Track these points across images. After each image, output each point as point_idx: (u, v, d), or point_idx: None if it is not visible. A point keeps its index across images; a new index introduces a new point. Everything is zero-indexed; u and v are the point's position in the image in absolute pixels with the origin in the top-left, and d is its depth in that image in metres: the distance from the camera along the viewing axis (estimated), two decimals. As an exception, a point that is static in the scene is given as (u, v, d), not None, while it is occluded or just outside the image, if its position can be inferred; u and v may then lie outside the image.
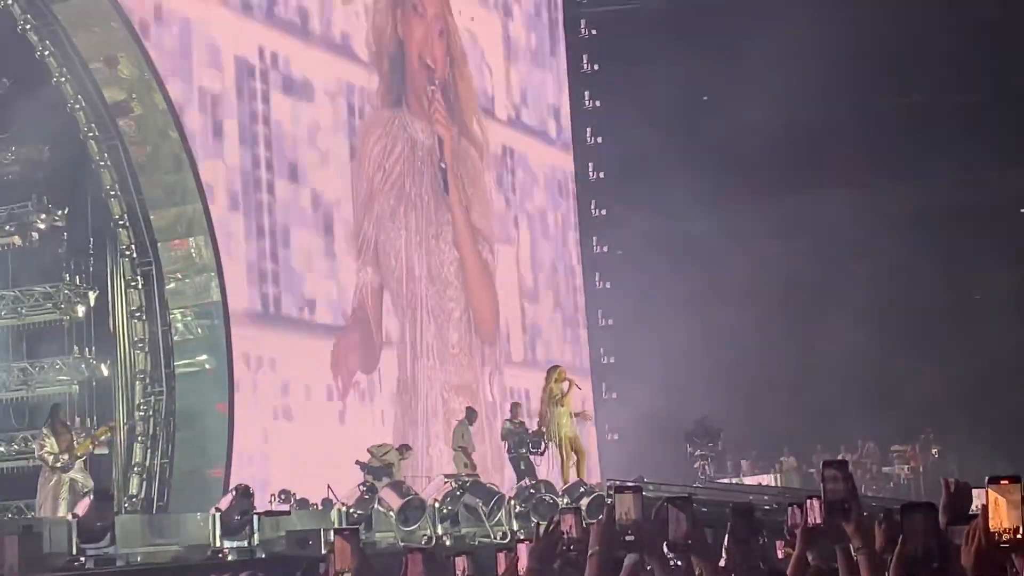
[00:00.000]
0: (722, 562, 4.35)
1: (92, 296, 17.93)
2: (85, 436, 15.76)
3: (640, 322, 26.32)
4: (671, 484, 19.21)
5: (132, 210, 17.45)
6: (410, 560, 5.10)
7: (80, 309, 17.91)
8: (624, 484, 5.01)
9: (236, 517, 12.90)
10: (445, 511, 14.50)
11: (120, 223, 17.49)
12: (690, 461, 23.11)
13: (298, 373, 19.17)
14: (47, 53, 17.06)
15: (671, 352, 24.48)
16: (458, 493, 14.77)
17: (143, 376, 17.49)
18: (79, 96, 17.19)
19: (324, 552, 9.69)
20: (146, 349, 17.53)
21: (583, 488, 16.07)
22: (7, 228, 18.03)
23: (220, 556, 12.52)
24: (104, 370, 17.86)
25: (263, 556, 12.67)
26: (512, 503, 15.10)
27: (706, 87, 26.47)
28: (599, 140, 28.04)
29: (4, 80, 17.39)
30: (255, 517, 13.08)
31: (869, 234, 25.37)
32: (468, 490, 15.00)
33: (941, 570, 3.14)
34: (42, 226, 17.90)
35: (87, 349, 18.02)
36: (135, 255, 17.52)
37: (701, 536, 3.78)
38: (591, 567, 3.67)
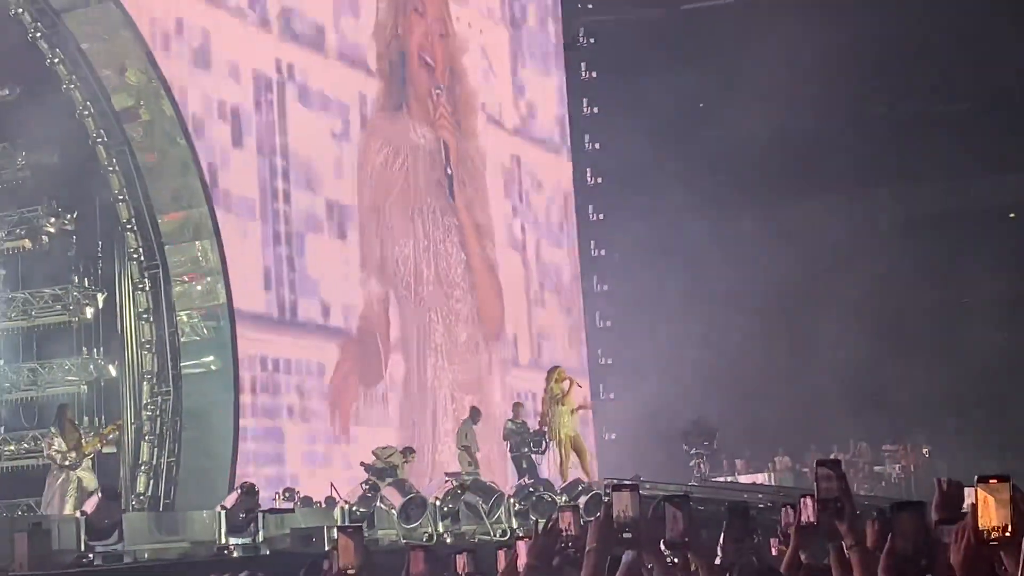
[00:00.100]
0: (718, 560, 4.35)
1: (100, 298, 17.92)
2: (93, 435, 15.75)
3: (637, 324, 26.34)
4: (668, 483, 19.21)
5: (140, 214, 17.44)
6: (412, 557, 5.10)
7: (89, 311, 17.91)
8: (621, 482, 5.01)
9: (241, 515, 12.92)
10: (446, 509, 14.51)
11: (128, 227, 17.48)
12: (686, 460, 23.08)
13: (309, 375, 19.29)
14: (57, 61, 17.06)
15: (667, 353, 24.49)
16: (459, 491, 14.79)
17: (150, 376, 17.47)
18: (88, 103, 17.19)
19: (328, 549, 9.66)
20: (153, 350, 17.51)
21: (581, 486, 16.08)
22: (18, 231, 18.02)
23: (226, 553, 12.52)
24: (112, 370, 17.84)
25: (268, 553, 12.67)
26: (511, 501, 15.11)
27: (702, 96, 26.47)
28: (597, 146, 28.06)
29: (15, 87, 17.38)
30: (260, 515, 13.10)
31: (860, 239, 25.38)
32: (469, 488, 15.02)
33: (929, 568, 3.14)
34: (52, 230, 17.89)
35: (95, 350, 18.01)
36: (143, 258, 17.51)
37: (698, 534, 3.78)
38: (589, 564, 3.67)
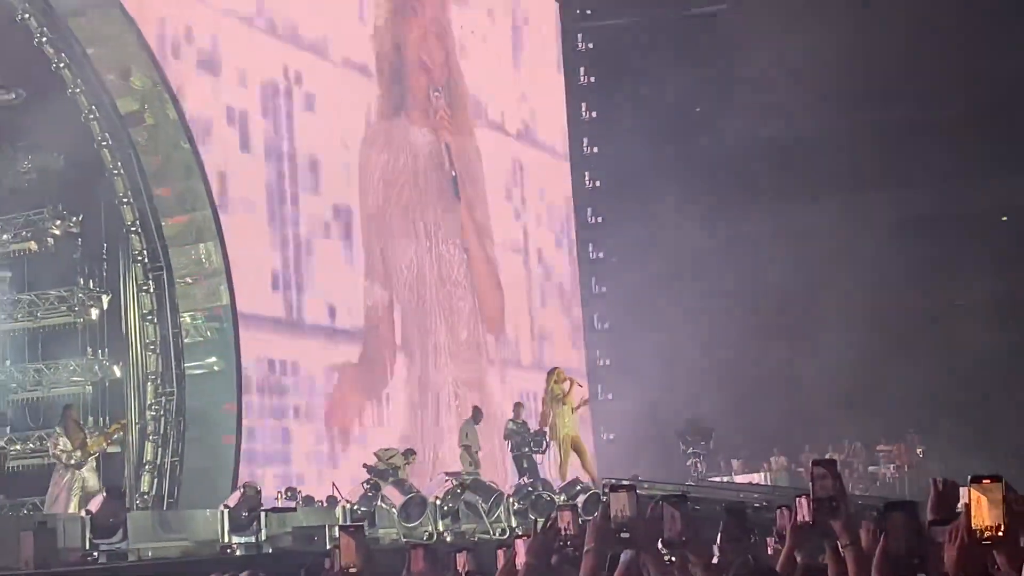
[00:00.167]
0: (715, 559, 4.35)
1: (105, 300, 17.91)
2: (98, 434, 15.74)
3: (635, 326, 26.33)
4: (665, 483, 19.21)
5: (144, 217, 17.44)
6: (413, 555, 5.12)
7: (94, 312, 17.89)
8: (619, 482, 5.01)
9: (244, 513, 12.91)
10: (446, 508, 14.50)
11: (132, 229, 17.48)
12: (683, 460, 23.07)
13: (316, 376, 19.39)
14: (63, 65, 17.07)
15: (665, 355, 24.47)
16: (459, 491, 14.77)
17: (154, 377, 17.47)
18: (93, 107, 17.19)
19: (329, 548, 9.66)
20: (157, 351, 17.51)
21: (579, 486, 16.06)
22: (24, 234, 18.01)
23: (228, 551, 12.52)
24: (116, 371, 17.83)
25: (270, 551, 12.67)
26: (511, 500, 15.10)
27: (698, 100, 26.48)
28: (595, 150, 28.09)
29: (21, 91, 17.38)
30: (262, 514, 13.09)
31: (856, 242, 25.34)
32: (468, 488, 15.01)
33: (922, 566, 3.14)
34: (57, 232, 17.88)
35: (100, 351, 18.00)
36: (147, 260, 17.52)
37: (695, 534, 3.78)
38: (587, 563, 3.66)
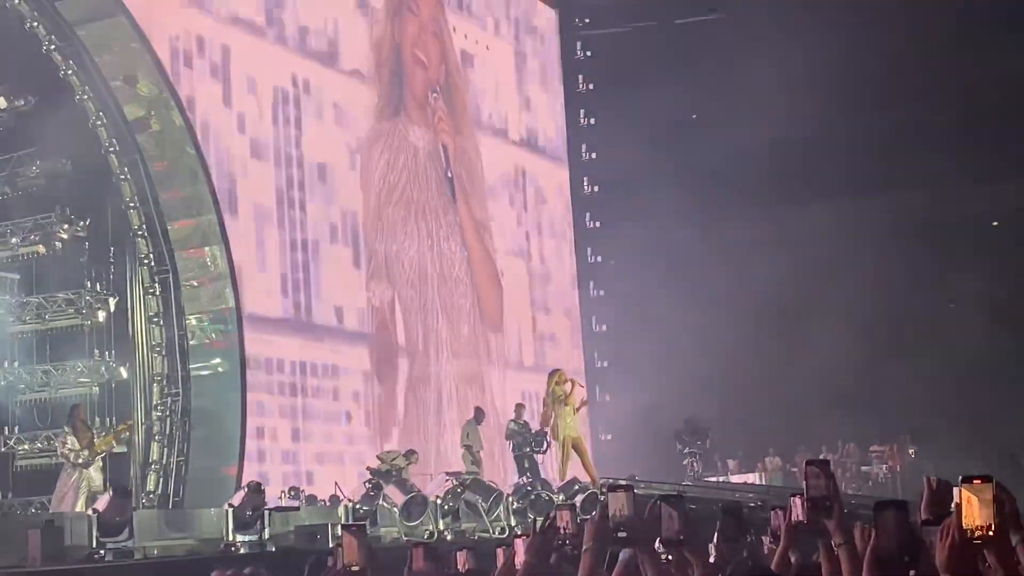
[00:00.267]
0: (712, 558, 4.34)
1: (112, 302, 17.91)
2: (105, 434, 15.74)
3: (632, 328, 26.33)
4: (662, 482, 19.22)
5: (150, 221, 17.45)
6: (414, 554, 5.11)
7: (101, 314, 17.89)
8: (617, 482, 5.01)
9: (248, 512, 12.89)
10: (446, 507, 14.49)
11: (139, 233, 17.49)
12: (680, 460, 23.08)
13: (323, 376, 19.44)
14: (70, 72, 17.07)
15: (662, 356, 24.47)
16: (459, 490, 14.77)
17: (160, 378, 17.47)
18: (101, 113, 17.20)
19: (332, 546, 9.66)
20: (163, 353, 17.51)
21: (577, 486, 16.05)
22: (32, 237, 18.01)
23: (232, 549, 12.51)
24: (123, 372, 17.82)
25: (273, 549, 12.66)
26: (510, 500, 15.09)
27: (695, 107, 26.49)
28: (593, 156, 28.15)
29: (30, 98, 17.39)
30: (266, 512, 13.08)
31: (849, 245, 25.36)
32: (468, 487, 15.00)
33: (912, 564, 3.14)
34: (65, 236, 17.88)
35: (107, 352, 17.99)
36: (153, 263, 17.53)
37: (693, 533, 3.77)
38: (585, 562, 3.66)
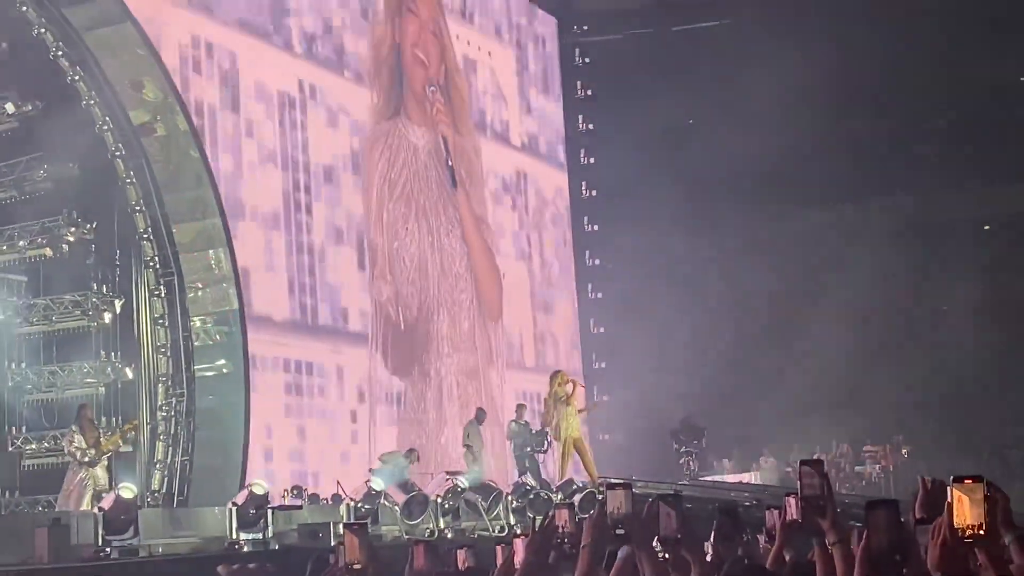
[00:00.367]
0: (708, 557, 4.34)
1: (118, 304, 17.91)
2: (111, 433, 15.74)
3: (629, 330, 26.32)
4: (659, 481, 19.21)
5: (156, 224, 17.47)
6: (415, 552, 5.11)
7: (107, 316, 17.89)
8: (615, 481, 5.01)
9: (251, 511, 12.89)
10: (447, 506, 14.49)
11: (145, 236, 17.50)
12: (676, 458, 23.07)
13: (329, 376, 19.46)
14: (77, 78, 17.09)
15: (658, 358, 24.48)
16: (459, 489, 14.76)
17: (165, 379, 17.48)
18: (107, 118, 17.21)
19: (334, 544, 9.66)
20: (168, 354, 17.52)
21: (575, 485, 16.05)
22: (39, 240, 18.01)
23: (236, 547, 12.51)
24: (129, 373, 17.83)
25: (276, 547, 12.66)
26: (509, 499, 15.08)
27: (691, 113, 26.50)
28: (592, 161, 28.18)
29: (38, 103, 17.40)
30: (269, 511, 13.08)
31: (842, 250, 25.36)
32: (468, 487, 14.99)
33: (904, 562, 3.13)
34: (72, 239, 17.87)
35: (113, 353, 17.98)
36: (158, 266, 17.54)
37: (690, 531, 3.77)
38: (583, 559, 3.66)
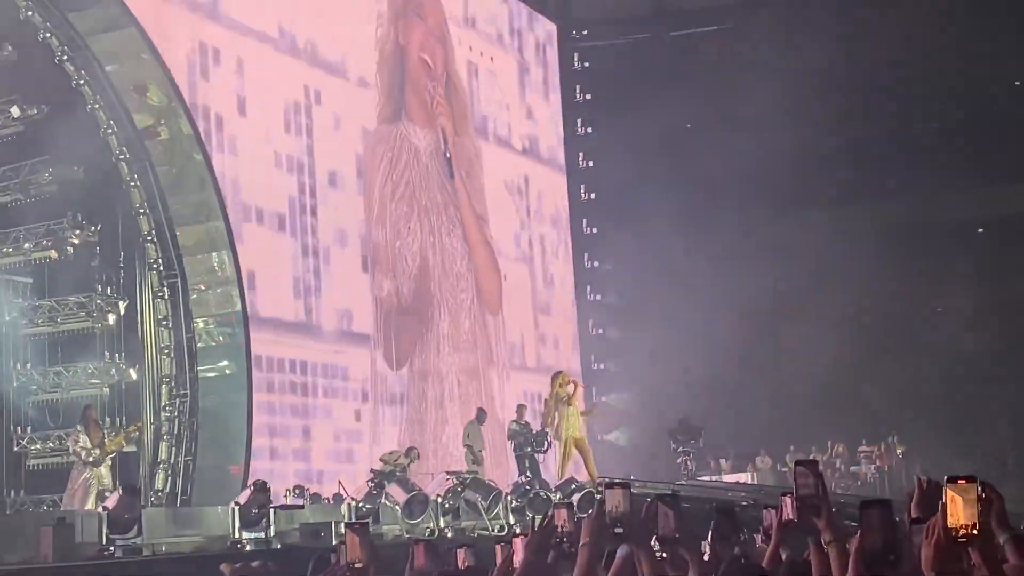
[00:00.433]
0: (706, 556, 4.34)
1: (122, 306, 17.91)
2: (115, 434, 15.75)
3: (628, 332, 26.35)
4: (657, 481, 19.21)
5: (160, 227, 17.47)
6: (415, 551, 5.11)
7: (111, 318, 17.89)
8: (613, 480, 5.01)
9: (254, 510, 12.91)
10: (447, 506, 14.50)
11: (148, 239, 17.50)
12: (673, 458, 23.07)
13: (333, 377, 19.47)
14: (82, 82, 17.09)
15: (656, 359, 24.51)
16: (459, 489, 14.77)
17: (169, 380, 17.47)
18: (111, 121, 17.21)
19: (335, 543, 9.67)
20: (172, 355, 17.51)
21: (574, 484, 16.05)
22: (44, 243, 18.00)
23: (239, 547, 12.52)
24: (133, 374, 17.82)
25: (278, 547, 12.67)
26: (509, 498, 15.09)
27: (689, 117, 26.52)
28: (591, 164, 28.19)
29: (43, 106, 17.41)
30: (271, 510, 13.09)
31: (839, 251, 25.37)
32: (468, 486, 15.00)
33: (897, 563, 3.14)
34: (76, 241, 17.87)
35: (117, 355, 17.97)
36: (162, 268, 17.54)
37: (689, 531, 3.77)
38: (582, 558, 3.66)
